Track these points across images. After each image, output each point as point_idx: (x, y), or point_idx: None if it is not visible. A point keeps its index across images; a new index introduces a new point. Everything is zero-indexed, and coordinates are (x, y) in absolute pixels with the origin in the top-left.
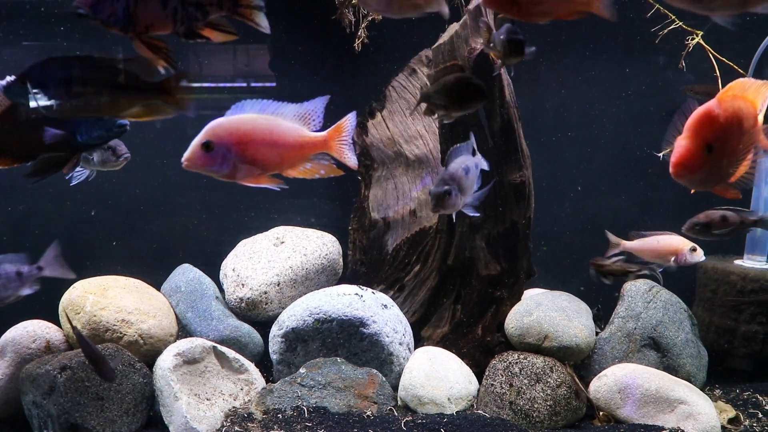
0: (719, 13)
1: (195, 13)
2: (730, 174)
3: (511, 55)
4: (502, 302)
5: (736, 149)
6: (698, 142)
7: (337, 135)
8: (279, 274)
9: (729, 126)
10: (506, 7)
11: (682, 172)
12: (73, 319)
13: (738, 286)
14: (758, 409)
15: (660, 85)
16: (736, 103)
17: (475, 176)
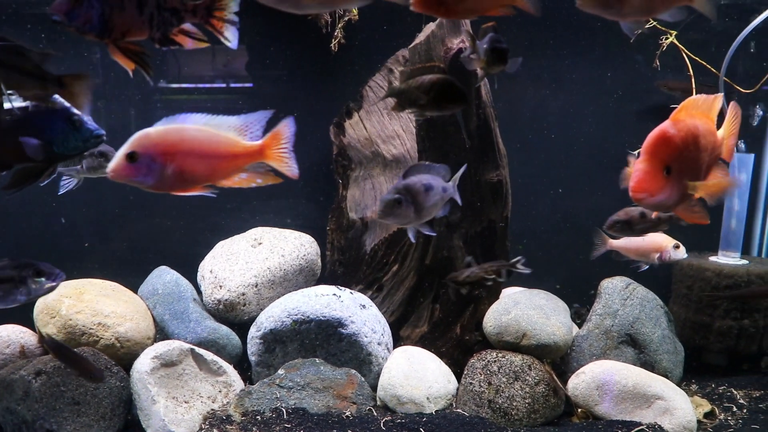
0: (629, 19)
1: (171, 19)
2: (692, 194)
3: (495, 63)
4: (480, 301)
5: (696, 168)
6: (656, 164)
7: (275, 143)
8: (257, 275)
9: (686, 146)
10: (434, 8)
11: (641, 196)
12: (48, 323)
13: (713, 282)
14: (733, 402)
15: (637, 84)
16: (691, 121)
17: (438, 198)
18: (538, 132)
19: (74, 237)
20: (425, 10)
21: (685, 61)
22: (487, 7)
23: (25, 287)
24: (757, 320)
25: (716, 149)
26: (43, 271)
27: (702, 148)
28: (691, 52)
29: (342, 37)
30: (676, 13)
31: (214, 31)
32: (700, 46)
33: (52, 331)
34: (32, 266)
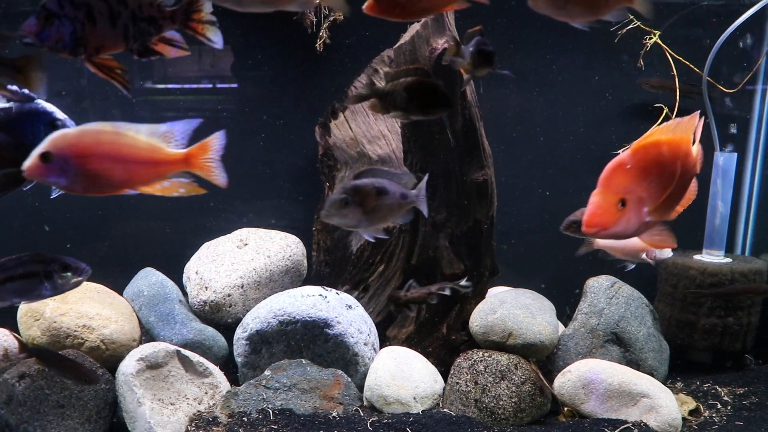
0: (578, 20)
1: (148, 28)
2: (656, 222)
3: (481, 66)
4: (466, 301)
5: (659, 196)
6: (610, 197)
7: (201, 153)
8: (243, 276)
9: (646, 175)
10: (389, 11)
11: (594, 230)
12: (32, 326)
13: (697, 280)
14: (717, 400)
15: (622, 83)
16: (654, 149)
17: (393, 204)
18: (524, 132)
19: (57, 239)
20: (380, 13)
21: (668, 61)
22: (441, 4)
23: (50, 282)
24: (740, 318)
25: (692, 170)
26: (69, 265)
27: (670, 174)
28: (676, 53)
29: (327, 38)
30: (619, 13)
31: (196, 35)
32: (685, 45)
33: (36, 334)
34: (58, 261)
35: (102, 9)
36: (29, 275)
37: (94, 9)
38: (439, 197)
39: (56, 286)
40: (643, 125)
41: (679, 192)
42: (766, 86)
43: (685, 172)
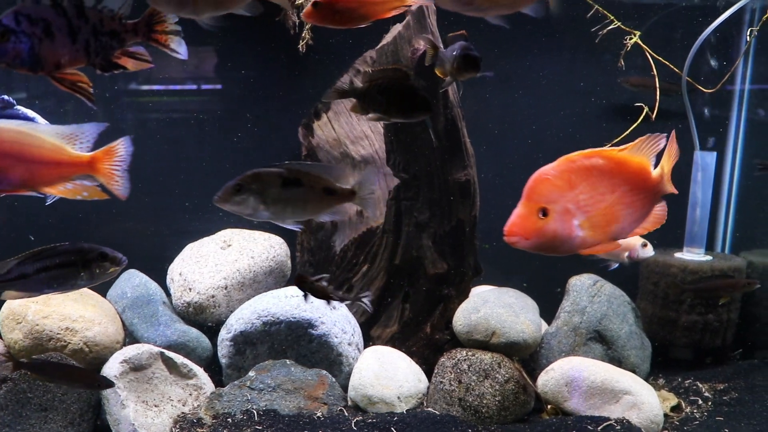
0: (490, 14)
1: (110, 42)
2: (600, 238)
3: (466, 71)
4: (449, 300)
5: (591, 209)
6: (531, 207)
7: (107, 158)
8: (226, 277)
9: (571, 187)
10: (328, 19)
11: (513, 239)
12: (14, 329)
13: (678, 278)
14: (698, 396)
15: (604, 83)
16: (583, 161)
17: (313, 199)
18: (506, 132)
19: (38, 242)
20: (318, 21)
21: (649, 61)
22: (379, 11)
23: (87, 272)
24: (721, 315)
25: (653, 190)
26: (106, 254)
27: (605, 188)
28: (657, 53)
29: (310, 38)
30: (537, 8)
31: (160, 46)
32: (664, 46)
33: (18, 337)
34: (95, 250)
35: (61, 24)
36: (66, 264)
37: (53, 25)
38: (422, 197)
39: (93, 276)
40: (624, 125)
41: (633, 211)
42: (744, 86)
43: (640, 191)
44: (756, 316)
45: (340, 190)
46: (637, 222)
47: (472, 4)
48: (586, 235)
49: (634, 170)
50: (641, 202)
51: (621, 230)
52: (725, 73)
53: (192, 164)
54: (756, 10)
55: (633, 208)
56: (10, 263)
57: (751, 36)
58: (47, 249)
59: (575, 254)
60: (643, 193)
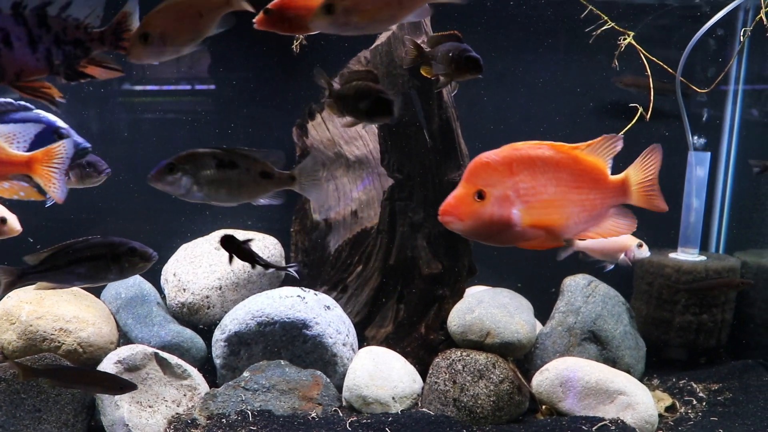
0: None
1: (74, 51)
2: (543, 232)
3: (468, 72)
4: (444, 300)
5: (532, 200)
6: (468, 189)
7: (46, 159)
8: (221, 277)
9: (512, 174)
10: (278, 26)
11: (447, 219)
12: (7, 329)
13: (672, 278)
14: (693, 396)
15: (598, 83)
16: (528, 150)
17: (249, 181)
18: (500, 132)
19: (35, 241)
20: (269, 27)
21: (643, 61)
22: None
23: (117, 266)
24: (715, 315)
25: (607, 194)
26: (136, 249)
27: (548, 181)
28: (651, 53)
29: (303, 39)
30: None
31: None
32: (660, 46)
33: (12, 338)
34: (125, 244)
35: (20, 33)
36: (96, 258)
37: (11, 34)
38: (417, 197)
39: (122, 270)
40: (618, 124)
41: (580, 210)
42: (738, 86)
43: (591, 191)
44: (751, 317)
45: (278, 175)
46: (587, 223)
47: (349, 24)
48: (525, 225)
49: (585, 168)
50: (592, 203)
51: (565, 227)
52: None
53: None
54: (750, 9)
55: (580, 207)
56: (43, 255)
57: (744, 36)
58: (78, 242)
59: (571, 255)
60: (594, 194)
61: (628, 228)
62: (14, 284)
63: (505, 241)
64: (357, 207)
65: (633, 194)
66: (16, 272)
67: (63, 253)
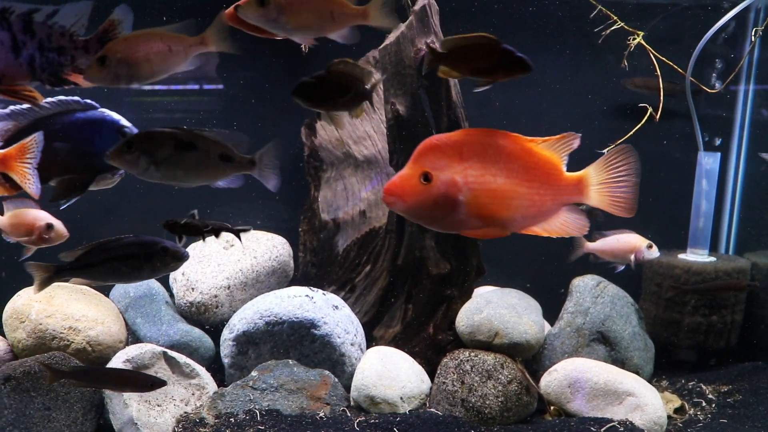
0: (295, 35)
1: (57, 59)
2: (481, 218)
3: (516, 72)
4: (452, 301)
5: (479, 188)
6: (415, 170)
7: (19, 155)
8: (229, 277)
9: (461, 159)
10: (245, 24)
11: (390, 199)
12: (17, 328)
13: (682, 279)
14: (702, 398)
15: (606, 84)
16: (479, 136)
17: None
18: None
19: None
20: (238, 24)
21: (652, 61)
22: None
23: (149, 264)
24: (724, 316)
25: (558, 188)
26: (168, 249)
27: (498, 170)
28: (660, 53)
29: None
30: (350, 35)
31: None
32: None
33: (21, 336)
34: (158, 243)
35: (3, 38)
36: (129, 257)
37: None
38: None
39: (154, 269)
40: (627, 125)
41: (530, 205)
42: (748, 86)
43: (542, 187)
44: (761, 318)
45: (237, 158)
46: (535, 219)
47: (277, 21)
48: (469, 213)
49: (538, 162)
50: (542, 199)
51: (512, 220)
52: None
53: None
54: (761, 9)
55: (529, 201)
56: (77, 253)
57: (755, 36)
58: (112, 240)
59: (584, 257)
60: (545, 189)
61: (578, 229)
62: (50, 280)
63: (448, 227)
64: (365, 207)
65: (591, 195)
66: (52, 269)
67: (97, 251)
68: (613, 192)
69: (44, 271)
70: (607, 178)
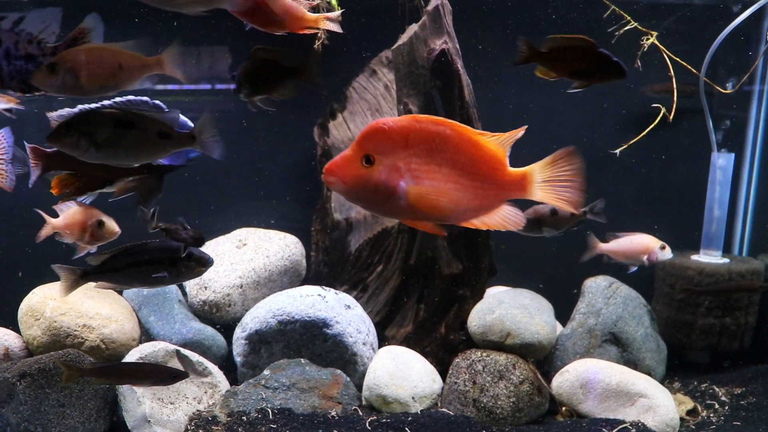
0: (187, 10)
1: (26, 66)
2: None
3: (612, 76)
4: (464, 301)
5: (422, 175)
6: (358, 152)
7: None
8: (242, 276)
9: (406, 145)
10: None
11: (330, 179)
12: (32, 325)
13: (695, 280)
14: (715, 399)
15: (620, 84)
16: (426, 124)
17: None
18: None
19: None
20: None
21: (666, 61)
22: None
23: (174, 269)
24: (738, 318)
25: (500, 183)
26: (193, 254)
27: (442, 160)
28: (673, 53)
29: (326, 38)
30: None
31: None
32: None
33: (36, 333)
34: (182, 249)
35: None
36: (154, 262)
37: None
38: None
39: (179, 274)
40: (640, 125)
41: (471, 197)
42: (763, 86)
43: (485, 180)
44: None
45: (176, 135)
46: (477, 212)
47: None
48: (410, 202)
49: (484, 156)
50: (485, 193)
51: (452, 212)
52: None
53: (206, 163)
54: None
55: (472, 194)
56: (104, 257)
57: None
58: (138, 245)
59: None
60: (489, 183)
61: (514, 224)
62: (76, 284)
63: (387, 213)
64: None
65: (535, 191)
66: (78, 272)
67: (123, 256)
68: (557, 190)
69: (71, 274)
70: (551, 176)
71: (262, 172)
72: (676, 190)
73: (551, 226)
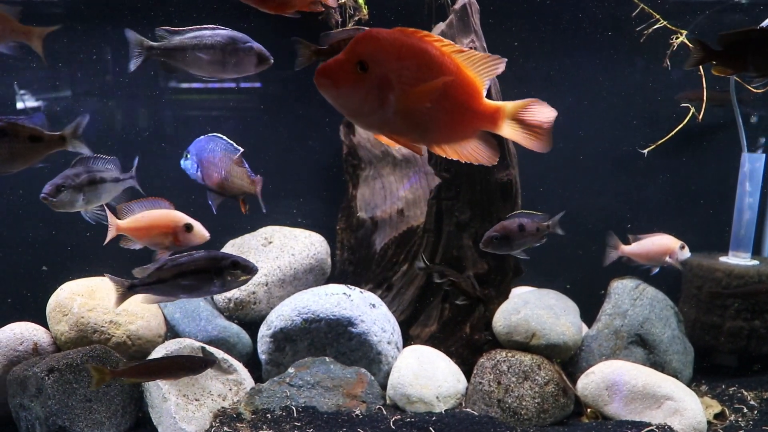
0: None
1: None
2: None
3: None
4: (489, 301)
5: (407, 91)
6: (351, 57)
7: None
8: (267, 274)
9: (398, 58)
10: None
11: (324, 81)
12: (60, 321)
13: (723, 282)
14: (743, 404)
15: (645, 84)
16: (417, 39)
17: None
18: None
19: (87, 234)
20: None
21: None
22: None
23: (220, 279)
24: (767, 321)
25: (474, 111)
26: (238, 263)
27: (428, 77)
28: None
29: None
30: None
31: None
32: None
33: (64, 329)
34: (228, 258)
35: None
36: (200, 271)
37: None
38: (463, 197)
39: (225, 283)
40: (667, 125)
41: (447, 120)
42: None
43: (460, 105)
44: None
45: (47, 137)
46: (451, 137)
47: None
48: (396, 113)
49: (464, 81)
50: (461, 118)
51: (426, 131)
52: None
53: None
54: None
55: (451, 117)
56: (150, 268)
57: None
58: (183, 256)
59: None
60: (464, 108)
61: (488, 158)
62: (125, 295)
63: (370, 123)
64: (403, 206)
65: (505, 126)
66: (126, 284)
67: (168, 267)
68: (526, 131)
69: (120, 285)
70: (522, 117)
71: (287, 171)
72: (705, 190)
73: (518, 241)
